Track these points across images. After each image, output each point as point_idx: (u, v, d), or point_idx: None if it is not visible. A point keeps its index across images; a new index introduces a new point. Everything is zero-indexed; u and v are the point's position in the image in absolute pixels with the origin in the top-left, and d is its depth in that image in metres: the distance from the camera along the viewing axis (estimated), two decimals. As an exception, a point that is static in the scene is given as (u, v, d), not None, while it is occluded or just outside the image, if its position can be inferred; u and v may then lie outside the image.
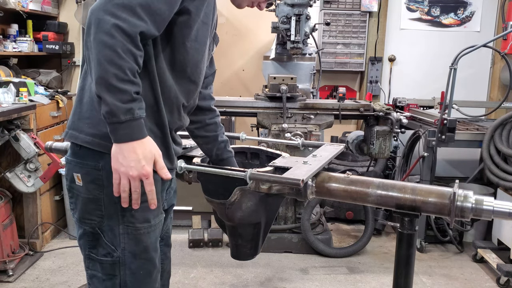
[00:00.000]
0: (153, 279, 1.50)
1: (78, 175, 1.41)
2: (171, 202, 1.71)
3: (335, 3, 4.74)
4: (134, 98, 1.25)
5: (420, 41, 4.91)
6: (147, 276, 1.48)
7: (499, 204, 1.40)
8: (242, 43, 5.07)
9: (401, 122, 3.38)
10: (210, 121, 1.78)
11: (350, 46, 4.82)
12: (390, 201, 1.49)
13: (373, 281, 3.19)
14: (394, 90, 4.93)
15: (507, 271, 3.08)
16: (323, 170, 1.62)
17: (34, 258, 3.33)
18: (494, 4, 4.84)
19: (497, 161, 3.31)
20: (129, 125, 1.26)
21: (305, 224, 3.45)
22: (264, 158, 1.88)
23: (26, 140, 3.16)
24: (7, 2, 3.54)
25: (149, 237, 1.46)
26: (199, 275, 3.20)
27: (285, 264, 3.39)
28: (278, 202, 1.72)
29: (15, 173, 3.20)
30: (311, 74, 3.94)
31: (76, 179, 1.41)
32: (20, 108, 3.16)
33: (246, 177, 1.46)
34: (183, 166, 1.59)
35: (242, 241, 1.70)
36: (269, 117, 3.43)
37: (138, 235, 1.43)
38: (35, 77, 4.05)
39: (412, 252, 1.52)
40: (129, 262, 1.43)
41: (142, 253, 1.45)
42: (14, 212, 3.30)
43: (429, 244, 3.74)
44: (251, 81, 5.09)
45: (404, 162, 4.02)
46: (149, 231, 1.46)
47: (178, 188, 1.76)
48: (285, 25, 3.46)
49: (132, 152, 1.27)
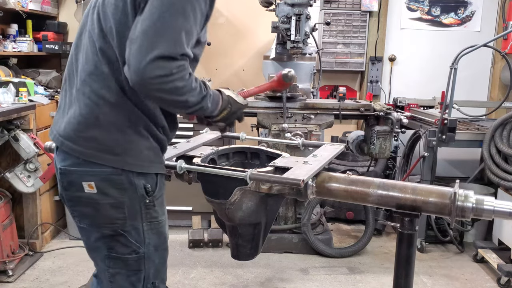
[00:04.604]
0: (166, 266, 1.62)
1: (91, 183, 1.41)
2: None
3: (335, 3, 4.74)
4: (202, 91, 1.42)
5: (420, 41, 4.90)
6: (164, 264, 1.59)
7: (500, 204, 1.40)
8: (242, 43, 5.06)
9: (402, 122, 3.37)
10: None
11: (350, 45, 4.81)
12: (391, 201, 1.49)
13: (374, 281, 3.18)
14: (395, 90, 4.93)
15: (508, 271, 3.07)
16: (323, 170, 1.62)
17: (34, 258, 3.33)
18: (494, 3, 4.84)
19: (498, 161, 3.31)
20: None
21: (305, 224, 3.44)
22: (264, 158, 1.88)
23: (25, 140, 3.15)
24: (7, 2, 3.54)
25: (165, 227, 1.57)
26: (199, 275, 3.20)
27: (285, 264, 3.39)
28: (279, 202, 1.72)
29: (15, 173, 3.19)
30: (311, 74, 3.94)
31: (86, 187, 1.42)
32: (20, 108, 3.16)
33: (246, 177, 1.45)
34: (183, 166, 1.59)
35: (242, 241, 1.69)
36: (269, 117, 3.43)
37: (160, 228, 1.54)
38: (34, 77, 4.05)
39: (413, 252, 1.51)
40: (153, 255, 1.53)
41: (162, 244, 1.56)
42: (14, 212, 3.30)
43: (430, 244, 3.73)
44: (251, 81, 5.07)
45: (404, 162, 4.02)
46: (165, 222, 1.57)
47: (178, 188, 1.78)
48: (285, 25, 3.45)
49: None
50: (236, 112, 1.60)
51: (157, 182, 1.50)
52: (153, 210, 1.50)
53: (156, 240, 1.53)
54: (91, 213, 1.45)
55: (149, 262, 1.52)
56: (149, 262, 1.52)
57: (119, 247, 1.48)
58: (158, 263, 1.56)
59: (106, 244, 1.49)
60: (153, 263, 1.53)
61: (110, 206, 1.43)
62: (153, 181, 1.49)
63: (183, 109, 1.41)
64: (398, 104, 4.16)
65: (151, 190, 1.47)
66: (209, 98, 1.45)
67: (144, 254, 1.50)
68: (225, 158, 1.91)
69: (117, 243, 1.47)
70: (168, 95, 1.30)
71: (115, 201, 1.43)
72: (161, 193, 1.54)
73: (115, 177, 1.41)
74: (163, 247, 1.57)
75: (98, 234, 1.48)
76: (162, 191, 1.54)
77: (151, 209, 1.49)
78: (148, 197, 1.47)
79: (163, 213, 1.55)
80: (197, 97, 1.38)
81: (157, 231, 1.53)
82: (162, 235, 1.55)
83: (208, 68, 5.15)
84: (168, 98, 1.32)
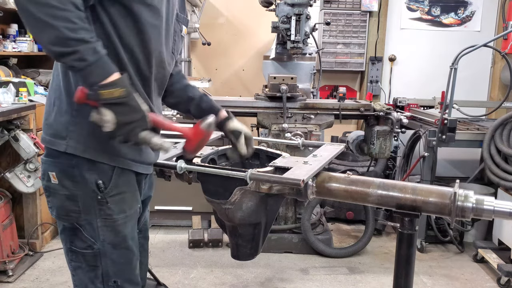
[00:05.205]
0: (133, 266, 1.55)
1: (53, 173, 1.43)
2: (148, 194, 1.74)
3: (335, 3, 4.74)
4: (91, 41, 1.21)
5: (420, 41, 4.91)
6: (128, 263, 1.53)
7: (500, 204, 1.39)
8: (242, 43, 5.07)
9: (402, 122, 3.38)
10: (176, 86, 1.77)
11: (350, 45, 4.82)
12: (391, 201, 1.49)
13: (374, 281, 3.18)
14: (395, 90, 4.93)
15: (508, 271, 3.07)
16: (323, 170, 1.62)
17: (34, 258, 3.33)
18: (494, 3, 4.84)
19: (498, 161, 3.31)
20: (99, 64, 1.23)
21: (305, 224, 3.44)
22: (264, 158, 1.88)
23: (25, 140, 3.15)
24: (7, 2, 3.54)
25: (126, 227, 1.50)
26: (199, 275, 3.20)
27: (285, 264, 3.39)
28: (279, 202, 1.72)
29: (15, 173, 3.19)
30: (311, 74, 3.94)
31: (51, 178, 1.44)
32: (20, 108, 3.16)
33: (247, 177, 1.45)
34: (183, 166, 1.59)
35: (242, 241, 1.69)
36: (269, 117, 3.43)
37: (116, 226, 1.46)
38: (34, 77, 4.05)
39: (413, 252, 1.51)
40: (110, 253, 1.47)
41: (121, 243, 1.49)
42: (13, 212, 3.30)
43: (430, 244, 3.73)
44: (251, 81, 5.09)
45: (404, 162, 4.02)
46: (126, 221, 1.49)
47: (178, 188, 1.77)
48: (285, 25, 3.45)
49: None
50: (133, 122, 1.27)
51: (111, 178, 1.44)
52: (106, 207, 1.44)
53: (112, 238, 1.47)
54: (55, 204, 1.47)
55: (106, 259, 1.47)
56: (106, 260, 1.47)
57: (77, 241, 1.47)
58: (119, 262, 1.50)
59: (68, 237, 1.49)
60: (111, 261, 1.48)
61: (66, 197, 1.43)
62: (106, 176, 1.43)
63: (52, 43, 1.19)
64: (398, 104, 4.16)
65: (103, 186, 1.42)
66: (94, 52, 1.21)
67: (100, 251, 1.46)
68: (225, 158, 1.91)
69: (75, 237, 1.47)
70: (35, 7, 1.15)
71: (70, 193, 1.43)
72: (120, 191, 1.45)
73: (69, 169, 1.42)
74: (123, 246, 1.49)
75: (61, 226, 1.50)
76: (120, 189, 1.45)
77: (104, 206, 1.43)
78: (99, 193, 1.42)
79: (121, 211, 1.47)
80: (75, 34, 1.17)
81: (112, 229, 1.46)
82: (120, 233, 1.48)
83: (208, 68, 5.16)
84: (35, 12, 1.15)
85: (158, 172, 1.79)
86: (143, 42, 1.40)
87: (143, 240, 1.78)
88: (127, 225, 1.50)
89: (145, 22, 1.38)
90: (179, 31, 1.63)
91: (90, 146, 1.41)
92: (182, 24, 1.66)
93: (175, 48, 1.62)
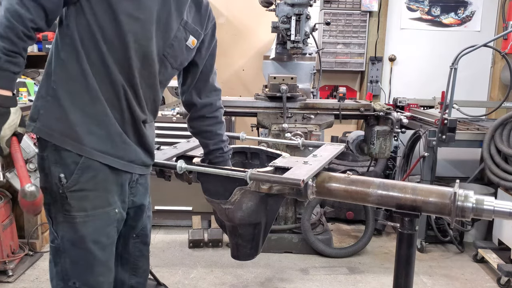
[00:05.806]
0: (95, 272, 1.49)
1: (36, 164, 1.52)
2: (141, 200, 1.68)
3: (335, 3, 4.74)
4: None
5: (420, 41, 4.90)
6: (88, 268, 1.48)
7: (500, 204, 1.40)
8: (242, 43, 5.06)
9: (402, 122, 3.37)
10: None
11: (350, 45, 4.82)
12: (391, 201, 1.49)
13: (374, 281, 3.18)
14: (395, 90, 4.93)
15: (508, 271, 3.07)
16: (323, 170, 1.62)
17: (34, 258, 3.32)
18: (494, 3, 4.84)
19: (498, 161, 3.31)
20: None
21: (305, 224, 3.44)
22: (264, 158, 1.88)
23: (25, 140, 3.12)
24: (7, 2, 3.53)
25: (85, 226, 1.46)
26: (199, 275, 3.20)
27: (285, 264, 3.39)
28: (279, 202, 1.72)
29: (15, 173, 3.19)
30: (311, 74, 3.94)
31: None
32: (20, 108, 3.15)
33: (247, 177, 1.45)
34: (183, 166, 1.59)
35: (242, 241, 1.70)
36: (269, 117, 3.43)
37: (74, 224, 1.45)
38: (34, 77, 4.05)
39: (413, 252, 1.51)
40: (69, 250, 1.47)
41: (79, 243, 1.46)
42: (14, 212, 3.29)
43: (430, 244, 3.73)
44: (251, 81, 5.09)
45: (404, 162, 4.02)
46: (86, 220, 1.46)
47: (178, 188, 1.76)
48: (285, 25, 3.45)
49: None
50: None
51: (73, 173, 1.43)
52: (66, 203, 1.44)
53: (71, 235, 1.45)
54: None
55: (65, 256, 1.46)
56: (65, 257, 1.46)
57: (51, 233, 1.52)
58: (78, 263, 1.47)
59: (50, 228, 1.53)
60: (70, 260, 1.46)
61: (43, 188, 1.47)
62: (69, 170, 1.43)
63: None
64: (398, 104, 4.16)
65: (65, 180, 1.42)
66: (9, 63, 1.28)
67: (60, 247, 1.47)
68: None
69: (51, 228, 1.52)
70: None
71: (43, 185, 1.49)
72: (82, 188, 1.44)
73: (41, 162, 1.49)
74: (81, 246, 1.45)
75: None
76: (83, 185, 1.44)
77: (64, 200, 1.44)
78: (61, 186, 1.43)
79: (81, 209, 1.45)
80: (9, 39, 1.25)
81: (71, 226, 1.45)
82: (78, 232, 1.44)
83: (208, 68, 5.15)
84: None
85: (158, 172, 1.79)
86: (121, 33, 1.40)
87: (141, 246, 1.75)
88: (87, 225, 1.46)
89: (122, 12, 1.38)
90: (183, 39, 1.59)
91: (56, 130, 1.43)
92: (190, 34, 1.62)
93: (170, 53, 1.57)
